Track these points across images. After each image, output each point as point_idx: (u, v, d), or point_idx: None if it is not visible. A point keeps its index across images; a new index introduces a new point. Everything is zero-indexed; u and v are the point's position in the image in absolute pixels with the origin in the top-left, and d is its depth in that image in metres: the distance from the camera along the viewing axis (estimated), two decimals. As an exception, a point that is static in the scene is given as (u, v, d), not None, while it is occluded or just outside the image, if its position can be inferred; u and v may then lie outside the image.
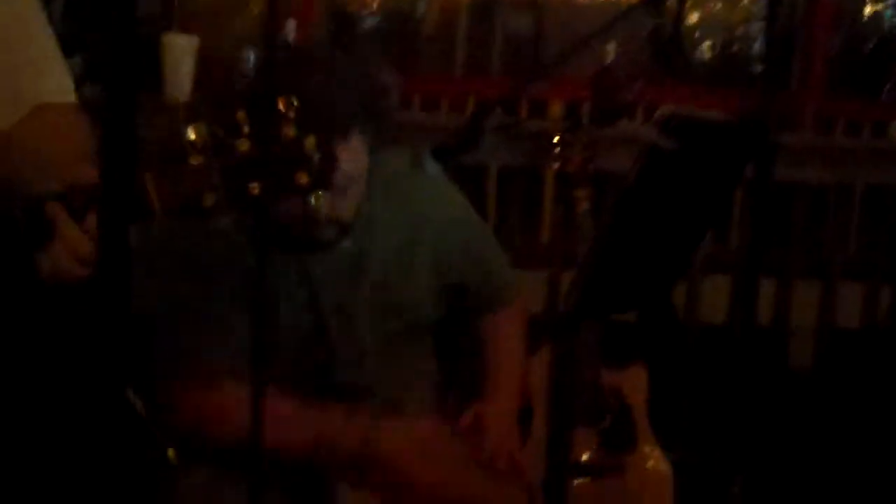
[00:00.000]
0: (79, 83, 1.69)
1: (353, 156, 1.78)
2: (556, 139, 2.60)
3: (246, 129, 1.20)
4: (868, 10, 4.69)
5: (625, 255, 1.62)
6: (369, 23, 4.74)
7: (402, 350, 2.03)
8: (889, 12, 4.62)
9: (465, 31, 4.77)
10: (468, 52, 4.75)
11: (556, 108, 3.73)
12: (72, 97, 1.69)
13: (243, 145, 1.18)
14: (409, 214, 2.03)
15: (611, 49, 2.97)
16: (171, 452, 1.57)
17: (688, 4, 3.76)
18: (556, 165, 2.58)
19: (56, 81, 1.63)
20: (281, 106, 1.21)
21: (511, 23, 4.78)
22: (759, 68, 4.49)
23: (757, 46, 4.56)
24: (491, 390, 2.11)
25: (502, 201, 3.96)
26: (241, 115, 1.19)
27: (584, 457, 2.49)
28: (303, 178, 1.22)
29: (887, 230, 3.63)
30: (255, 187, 1.20)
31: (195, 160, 1.20)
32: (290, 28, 2.99)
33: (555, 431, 2.34)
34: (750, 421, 1.88)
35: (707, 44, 4.76)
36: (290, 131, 1.20)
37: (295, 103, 1.21)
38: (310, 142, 1.22)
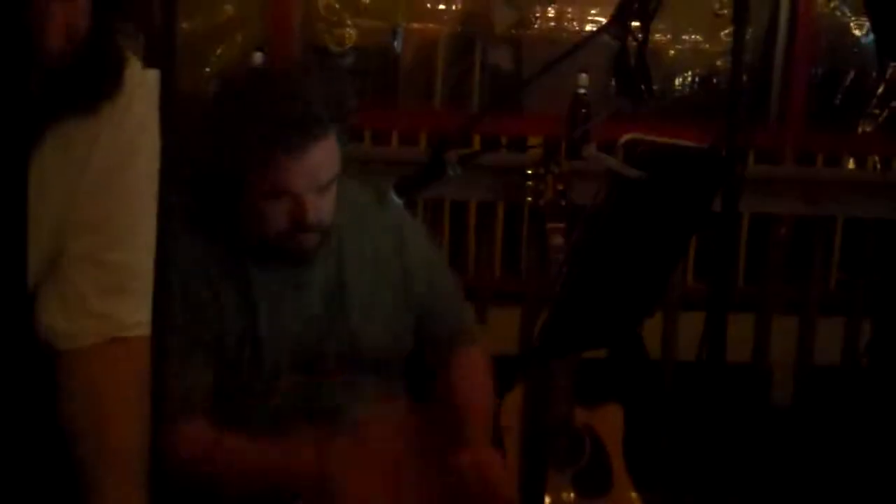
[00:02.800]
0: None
1: (329, 155, 1.85)
2: (528, 172, 2.56)
3: None
4: (848, 39, 4.69)
5: (592, 288, 1.56)
6: (347, 59, 4.71)
7: (371, 375, 2.03)
8: (869, 39, 4.62)
9: (444, 65, 4.75)
10: (447, 86, 4.73)
11: (536, 149, 3.69)
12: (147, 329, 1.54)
13: None
14: (377, 245, 2.06)
15: (584, 78, 2.95)
16: None
17: (655, 32, 3.73)
18: (529, 199, 2.54)
19: (138, 304, 1.41)
20: None
21: (490, 57, 4.77)
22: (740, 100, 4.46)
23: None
24: (470, 435, 2.02)
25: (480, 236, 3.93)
26: None
27: (558, 499, 2.43)
28: None
29: (867, 264, 3.59)
30: None
31: None
32: (257, 59, 2.95)
33: (528, 473, 2.28)
34: (726, 457, 1.84)
35: (686, 75, 4.75)
36: None
37: None
38: None
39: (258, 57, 2.94)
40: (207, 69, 4.37)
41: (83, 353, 1.39)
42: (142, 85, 1.37)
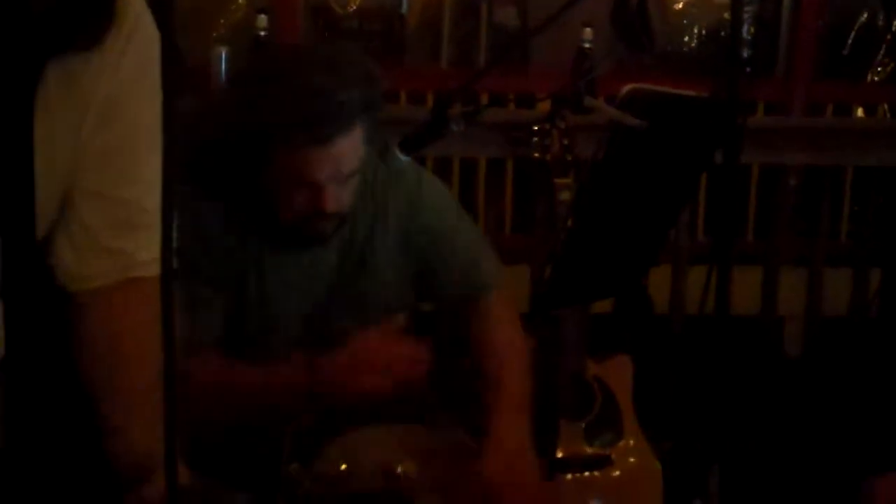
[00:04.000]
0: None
1: (354, 148, 1.84)
2: (535, 128, 2.57)
3: None
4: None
5: (595, 238, 1.57)
6: (352, 21, 4.70)
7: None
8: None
9: (450, 24, 4.74)
10: (453, 45, 4.72)
11: (545, 104, 3.69)
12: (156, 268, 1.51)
13: None
14: (390, 209, 2.06)
15: (588, 32, 2.94)
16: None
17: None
18: (535, 155, 2.55)
19: (150, 240, 1.35)
20: None
21: (496, 15, 4.76)
22: (748, 52, 4.45)
23: (745, 31, 4.51)
24: (496, 428, 2.01)
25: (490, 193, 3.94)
26: None
27: (570, 451, 2.45)
28: None
29: (875, 214, 3.59)
30: None
31: None
32: (261, 22, 2.94)
33: (540, 425, 2.30)
34: (737, 408, 1.86)
35: (693, 29, 4.72)
36: None
37: None
38: None
39: (262, 20, 2.94)
40: (214, 34, 4.38)
41: (98, 294, 1.39)
42: (143, 14, 1.36)
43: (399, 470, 1.96)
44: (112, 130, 1.35)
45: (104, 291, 1.39)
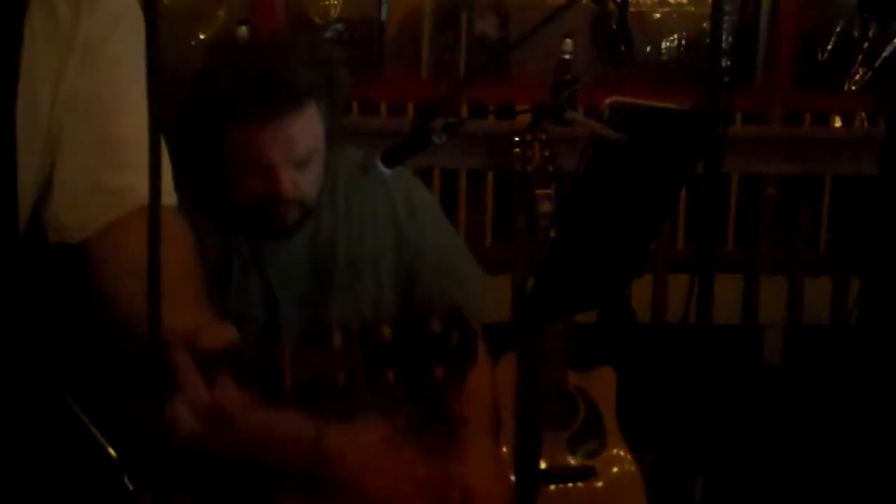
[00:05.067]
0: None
1: (308, 128, 1.81)
2: (516, 139, 2.58)
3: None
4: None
5: (578, 250, 1.58)
6: (332, 30, 4.70)
7: None
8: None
9: (430, 34, 4.75)
10: (434, 55, 4.73)
11: (524, 115, 3.70)
12: (172, 198, 1.47)
13: (386, 332, 1.17)
14: (371, 213, 2.01)
15: (568, 43, 2.95)
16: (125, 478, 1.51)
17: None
18: (517, 166, 2.56)
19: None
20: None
21: (477, 26, 4.76)
22: (726, 62, 4.47)
23: (724, 41, 4.53)
24: (467, 436, 1.98)
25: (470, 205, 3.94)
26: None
27: (554, 462, 2.46)
28: (439, 372, 1.18)
29: (855, 223, 3.61)
30: (391, 375, 1.17)
31: (338, 342, 1.17)
32: (242, 34, 2.95)
33: (523, 437, 2.30)
34: (719, 417, 1.86)
35: (672, 39, 4.74)
36: (435, 326, 1.17)
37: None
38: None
39: (243, 31, 2.94)
40: (193, 42, 4.37)
41: (112, 230, 1.35)
42: None
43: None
44: (96, 70, 1.34)
45: (117, 225, 1.35)
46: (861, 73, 4.60)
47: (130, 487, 1.38)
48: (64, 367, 1.29)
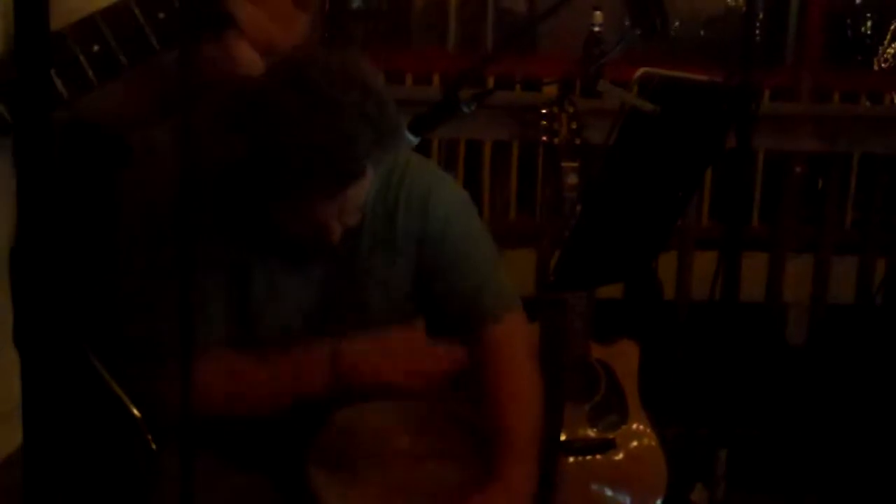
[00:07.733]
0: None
1: (364, 188, 1.76)
2: (543, 111, 2.56)
3: None
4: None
5: (607, 223, 1.57)
6: (360, 2, 4.70)
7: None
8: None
9: (457, 7, 4.73)
10: (460, 28, 4.72)
11: (551, 87, 3.69)
12: None
13: None
14: (393, 196, 1.94)
15: (598, 16, 2.94)
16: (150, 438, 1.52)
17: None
18: (543, 138, 2.55)
19: None
20: None
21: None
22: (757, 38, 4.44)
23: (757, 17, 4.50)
24: (499, 475, 1.84)
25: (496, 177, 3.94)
26: None
27: (574, 434, 2.46)
28: None
29: (882, 202, 3.59)
30: None
31: None
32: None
33: (545, 409, 2.30)
34: (741, 395, 1.86)
35: (702, 17, 4.72)
36: None
37: None
38: None
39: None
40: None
41: None
42: None
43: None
44: None
45: None
46: (892, 51, 4.56)
47: (153, 446, 1.38)
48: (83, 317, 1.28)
